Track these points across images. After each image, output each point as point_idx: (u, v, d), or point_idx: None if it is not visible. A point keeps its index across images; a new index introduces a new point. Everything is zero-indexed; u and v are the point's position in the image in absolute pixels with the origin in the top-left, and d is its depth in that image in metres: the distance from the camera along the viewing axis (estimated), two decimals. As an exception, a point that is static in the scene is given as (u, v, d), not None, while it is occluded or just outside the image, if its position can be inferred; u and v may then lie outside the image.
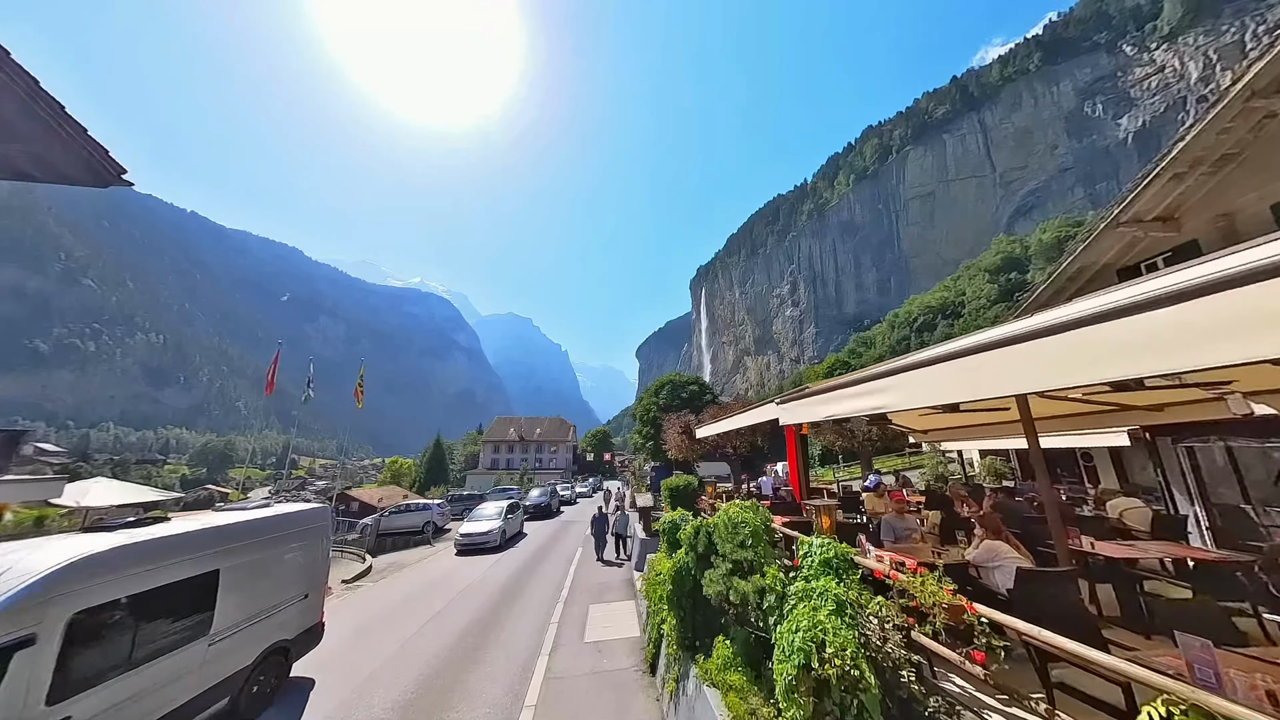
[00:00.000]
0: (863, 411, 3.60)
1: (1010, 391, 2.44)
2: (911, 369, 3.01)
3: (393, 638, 7.43)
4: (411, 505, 21.04)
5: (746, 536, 3.72)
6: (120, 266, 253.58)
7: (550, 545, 15.72)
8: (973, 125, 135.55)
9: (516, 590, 10.05)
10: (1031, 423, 3.35)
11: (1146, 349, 1.78)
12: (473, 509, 25.83)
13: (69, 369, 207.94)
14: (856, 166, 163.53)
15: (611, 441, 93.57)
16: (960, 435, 8.65)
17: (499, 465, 60.80)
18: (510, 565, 12.60)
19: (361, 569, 12.43)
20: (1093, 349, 1.96)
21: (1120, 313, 1.84)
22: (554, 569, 11.87)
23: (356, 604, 9.63)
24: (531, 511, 23.13)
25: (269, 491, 40.15)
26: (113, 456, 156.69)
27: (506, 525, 16.11)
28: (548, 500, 24.59)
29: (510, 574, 11.57)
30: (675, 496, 11.27)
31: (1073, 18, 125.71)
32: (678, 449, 15.73)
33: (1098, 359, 1.95)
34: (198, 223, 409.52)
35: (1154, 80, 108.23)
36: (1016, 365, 2.29)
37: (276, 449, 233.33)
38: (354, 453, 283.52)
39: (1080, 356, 2.01)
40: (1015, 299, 43.46)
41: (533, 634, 7.29)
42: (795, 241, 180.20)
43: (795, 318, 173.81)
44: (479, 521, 15.65)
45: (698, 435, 10.62)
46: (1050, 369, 2.15)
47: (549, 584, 10.38)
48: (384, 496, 35.00)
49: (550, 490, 26.83)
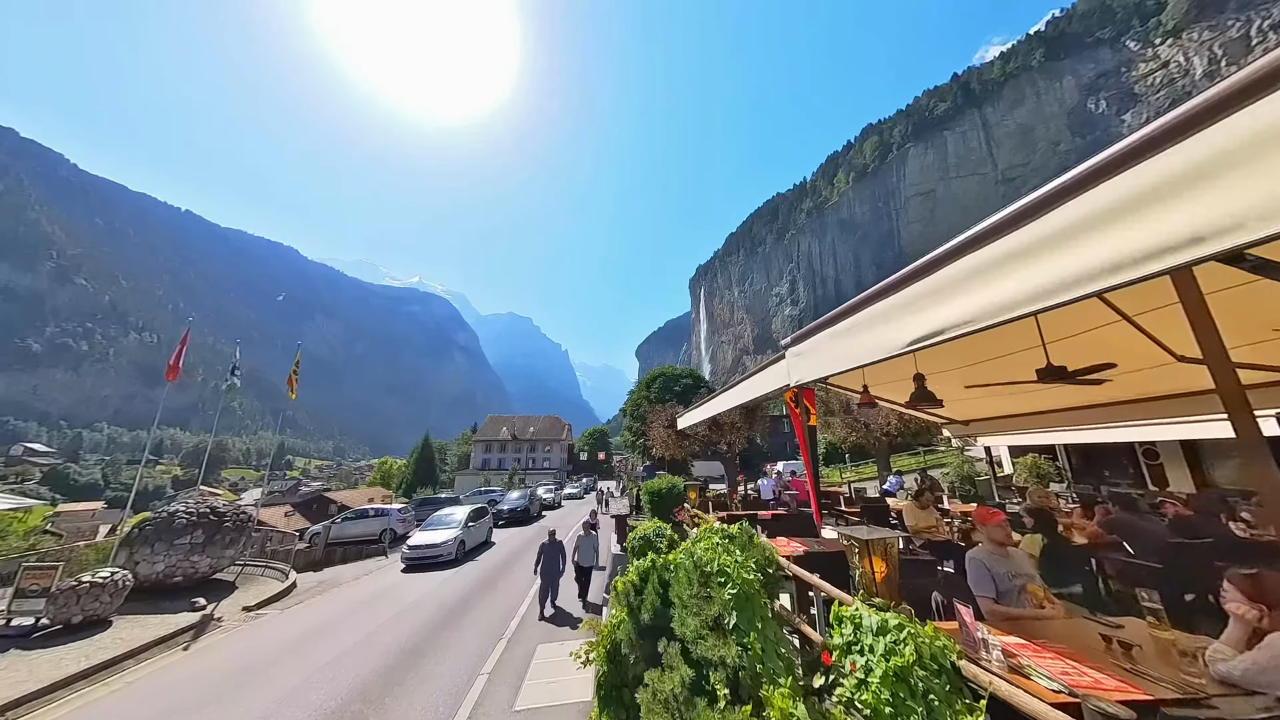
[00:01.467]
0: (927, 339, 1.80)
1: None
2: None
3: (263, 695, 5.53)
4: (368, 511, 18.97)
5: (725, 605, 1.82)
6: (113, 265, 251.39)
7: (516, 559, 13.55)
8: (974, 122, 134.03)
9: (455, 619, 8.12)
10: (1237, 385, 1.50)
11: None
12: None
13: (61, 368, 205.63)
14: (856, 164, 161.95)
15: (609, 441, 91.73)
16: (1015, 426, 6.73)
17: (490, 465, 58.83)
18: (460, 584, 10.64)
19: (280, 589, 10.47)
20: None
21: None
22: (510, 591, 9.89)
23: (245, 641, 7.61)
24: (507, 517, 20.77)
25: (263, 492, 38.65)
26: (104, 457, 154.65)
27: (467, 535, 13.96)
28: (526, 504, 21.73)
29: (457, 596, 9.61)
30: (657, 503, 9.16)
31: (1075, 13, 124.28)
32: (663, 445, 13.88)
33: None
34: (193, 221, 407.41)
35: (1158, 76, 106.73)
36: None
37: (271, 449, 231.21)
38: (351, 454, 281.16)
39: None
40: None
41: (449, 693, 5.39)
42: (794, 240, 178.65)
43: (794, 316, 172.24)
44: (434, 530, 13.60)
45: (680, 425, 8.63)
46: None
47: (497, 613, 8.43)
48: (369, 499, 32.81)
49: (529, 494, 23.80)
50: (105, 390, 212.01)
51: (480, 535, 15.50)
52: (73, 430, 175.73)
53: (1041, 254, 1.41)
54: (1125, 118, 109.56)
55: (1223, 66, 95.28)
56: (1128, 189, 1.20)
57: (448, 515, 14.86)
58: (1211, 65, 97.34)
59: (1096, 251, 1.26)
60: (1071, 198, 1.32)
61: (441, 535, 13.14)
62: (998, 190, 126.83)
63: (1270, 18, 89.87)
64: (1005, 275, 1.52)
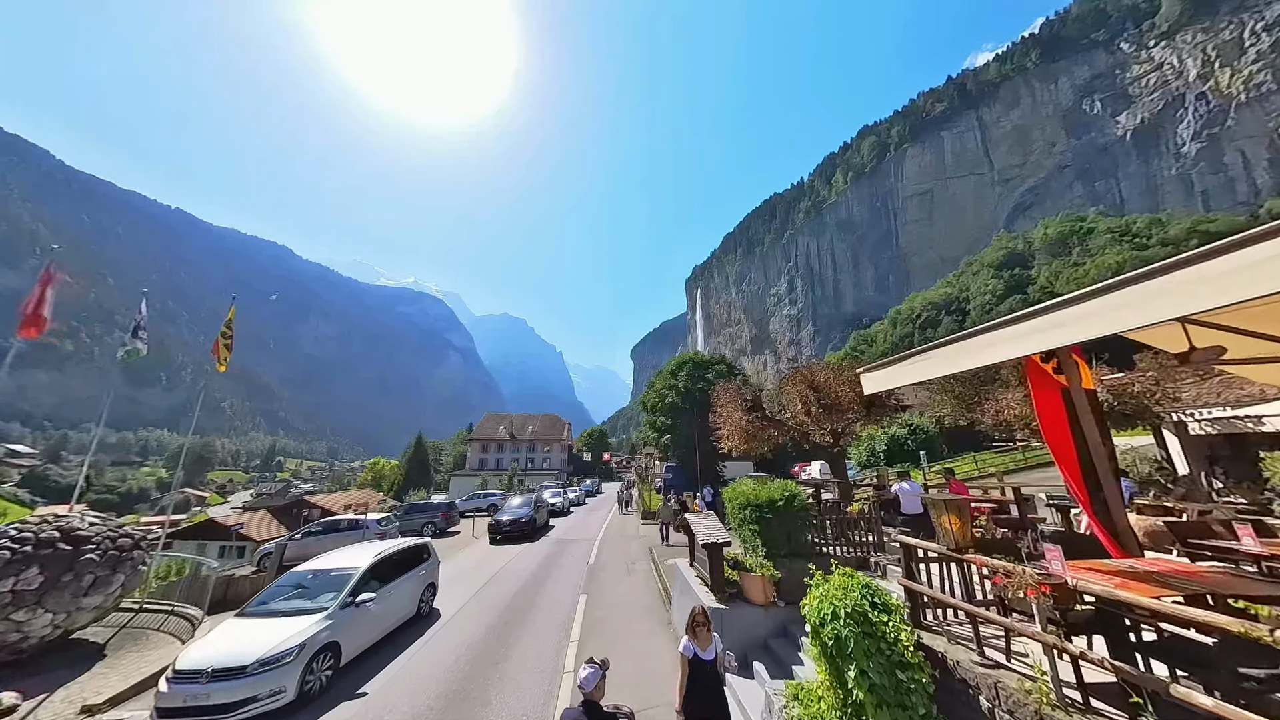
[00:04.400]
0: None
1: None
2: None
3: None
4: (340, 523, 15.45)
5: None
6: (100, 263, 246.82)
7: (518, 619, 8.22)
8: (970, 123, 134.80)
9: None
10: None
11: None
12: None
13: (46, 368, 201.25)
14: (854, 164, 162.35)
15: (609, 441, 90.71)
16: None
17: (487, 466, 57.56)
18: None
19: (156, 669, 6.09)
20: None
21: None
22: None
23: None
24: (506, 531, 16.27)
25: (251, 495, 37.14)
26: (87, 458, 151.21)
27: (341, 632, 6.22)
28: (530, 513, 17.25)
29: None
30: (767, 524, 6.50)
31: (1070, 16, 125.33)
32: (742, 436, 10.85)
33: None
34: (183, 219, 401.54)
35: (1152, 77, 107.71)
36: None
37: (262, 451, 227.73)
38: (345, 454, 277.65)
39: None
40: (1025, 293, 39.01)
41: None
42: (793, 240, 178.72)
43: (793, 316, 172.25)
44: (247, 629, 5.97)
45: (872, 388, 4.43)
46: None
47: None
48: (354, 502, 30.58)
49: (533, 499, 19.25)
50: (91, 391, 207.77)
51: (389, 616, 7.39)
52: (58, 431, 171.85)
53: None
54: (1120, 119, 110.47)
55: (1216, 68, 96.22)
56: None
57: (311, 581, 6.94)
58: (1205, 67, 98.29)
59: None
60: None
61: (241, 651, 5.42)
62: (994, 190, 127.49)
63: (1263, 20, 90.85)
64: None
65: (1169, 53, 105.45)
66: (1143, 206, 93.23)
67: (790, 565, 6.17)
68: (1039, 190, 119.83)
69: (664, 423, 22.54)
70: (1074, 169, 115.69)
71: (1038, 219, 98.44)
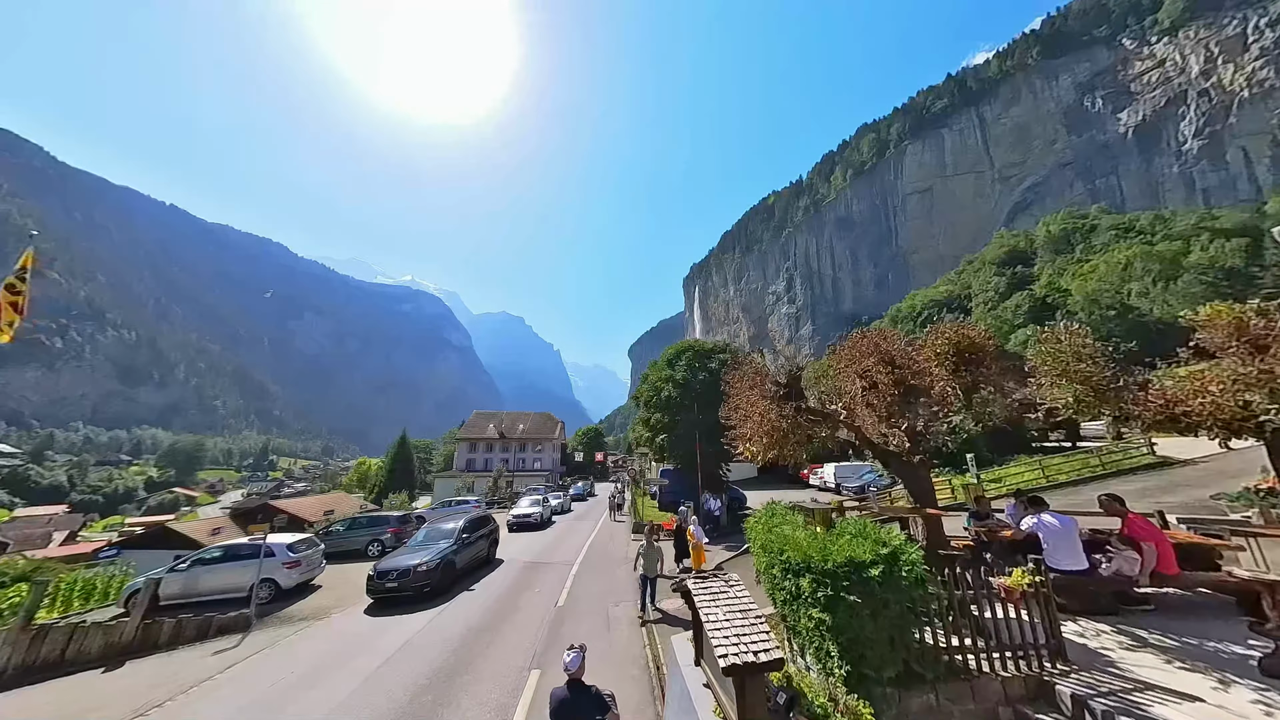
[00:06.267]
0: None
1: None
2: None
3: None
4: (240, 549, 10.97)
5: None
6: (91, 259, 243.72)
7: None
8: (970, 120, 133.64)
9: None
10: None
11: None
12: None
13: (34, 366, 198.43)
14: (853, 162, 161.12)
15: (604, 440, 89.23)
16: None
17: (475, 467, 55.94)
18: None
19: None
20: None
21: None
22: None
23: None
24: (392, 587, 10.11)
25: (243, 494, 35.59)
26: (72, 458, 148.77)
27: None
28: (438, 560, 10.98)
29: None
30: (846, 612, 3.43)
31: (1071, 11, 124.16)
32: (771, 436, 7.35)
33: None
34: (178, 216, 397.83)
35: (1154, 74, 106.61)
36: None
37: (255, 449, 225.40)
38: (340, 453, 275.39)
39: None
40: (1029, 290, 34.08)
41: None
42: (791, 238, 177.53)
43: (791, 315, 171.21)
44: None
45: None
46: None
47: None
48: (329, 506, 27.84)
49: (454, 533, 12.60)
50: (82, 389, 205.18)
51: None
52: (45, 430, 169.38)
53: None
54: (1121, 116, 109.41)
55: (1219, 64, 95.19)
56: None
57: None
58: (1208, 63, 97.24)
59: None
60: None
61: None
62: (995, 188, 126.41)
63: (1267, 15, 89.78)
64: None
65: (1171, 49, 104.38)
66: (1144, 204, 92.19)
67: (903, 697, 3.36)
68: (1040, 188, 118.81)
69: (659, 420, 19.20)
70: (1075, 166, 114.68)
71: (1038, 217, 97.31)
